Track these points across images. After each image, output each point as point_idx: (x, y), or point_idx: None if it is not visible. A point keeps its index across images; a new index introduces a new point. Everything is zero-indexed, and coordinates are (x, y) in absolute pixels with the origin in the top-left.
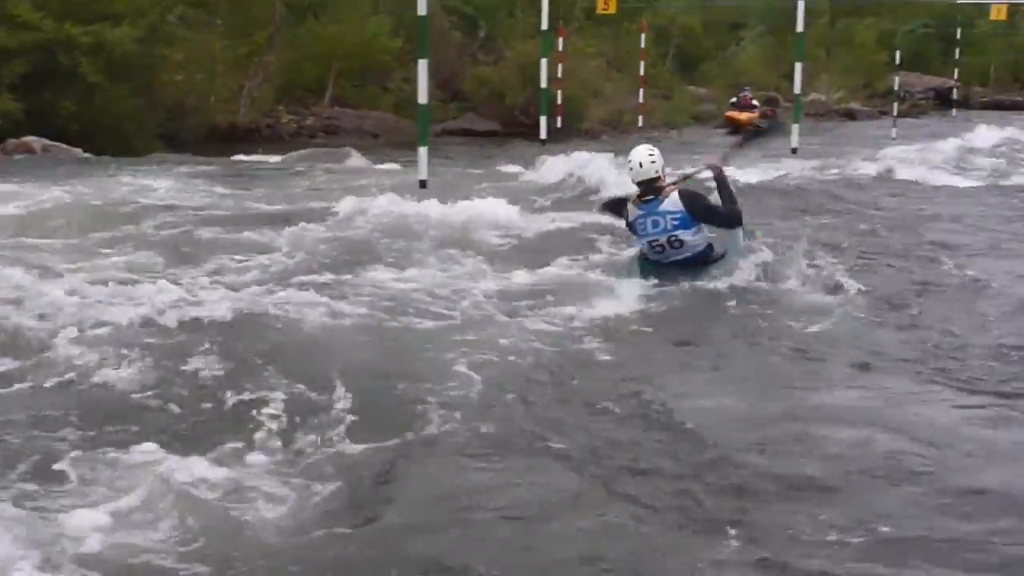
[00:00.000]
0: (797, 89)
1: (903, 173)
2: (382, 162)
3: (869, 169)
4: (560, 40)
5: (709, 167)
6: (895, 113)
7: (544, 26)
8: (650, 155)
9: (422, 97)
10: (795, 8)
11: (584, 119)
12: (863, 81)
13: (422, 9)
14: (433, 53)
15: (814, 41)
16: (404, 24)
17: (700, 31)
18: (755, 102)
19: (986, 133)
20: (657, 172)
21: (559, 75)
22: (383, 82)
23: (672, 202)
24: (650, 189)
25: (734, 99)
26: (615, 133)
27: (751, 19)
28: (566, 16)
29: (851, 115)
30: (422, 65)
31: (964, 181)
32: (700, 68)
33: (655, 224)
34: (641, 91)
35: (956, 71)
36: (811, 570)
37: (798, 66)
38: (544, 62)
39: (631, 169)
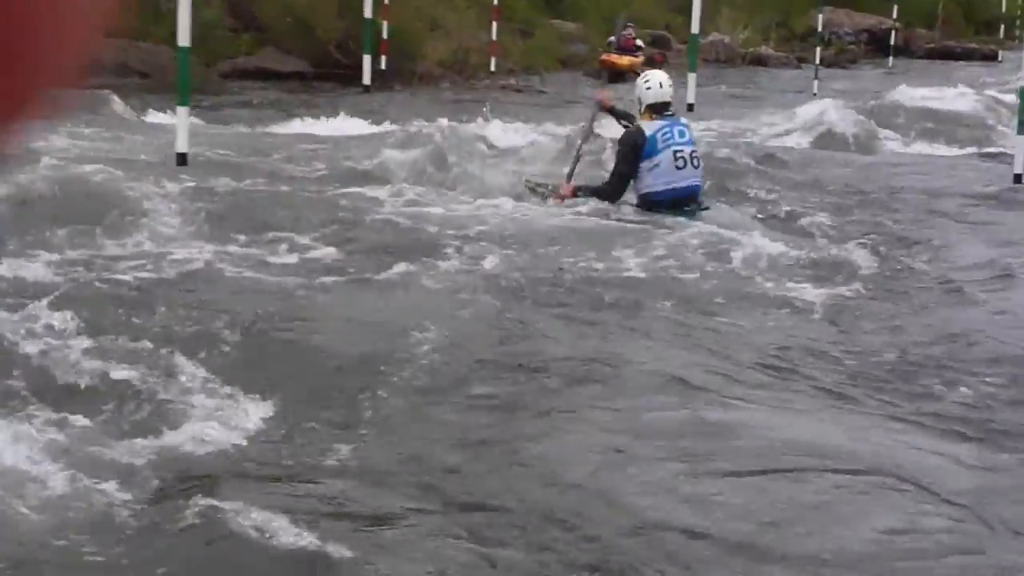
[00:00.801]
0: (695, 27)
1: (825, 140)
2: (150, 112)
3: (781, 133)
4: None
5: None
6: (817, 61)
7: None
8: (669, 80)
9: (182, 37)
10: None
11: (418, 59)
12: (777, 18)
13: None
14: None
15: None
16: None
17: None
18: (639, 43)
19: (927, 93)
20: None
21: (385, 1)
22: (156, 2)
23: (685, 121)
24: (666, 108)
25: (612, 38)
26: (459, 79)
27: None
28: None
29: (761, 61)
30: None
31: (902, 150)
32: None
33: (681, 133)
34: (494, 25)
35: (895, 8)
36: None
37: None
38: None
39: (648, 88)
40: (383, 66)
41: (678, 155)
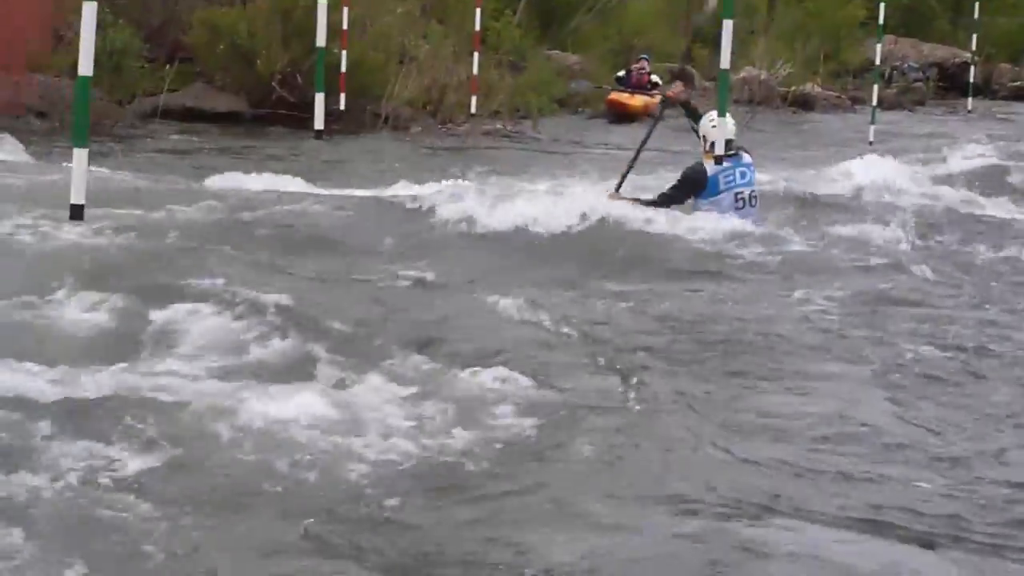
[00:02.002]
0: (724, 61)
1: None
2: (51, 156)
3: (830, 193)
4: None
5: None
6: (875, 102)
7: None
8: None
9: (84, 65)
10: None
11: (384, 98)
12: (825, 50)
13: None
14: None
15: None
16: None
17: None
18: (655, 78)
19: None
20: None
21: (344, 26)
22: (57, 29)
23: (748, 159)
24: (731, 147)
25: (622, 72)
26: (433, 123)
27: None
28: None
29: (807, 103)
30: (88, 10)
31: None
32: (569, 23)
33: (743, 175)
34: (475, 57)
35: (974, 38)
36: None
37: (727, 25)
38: (323, 5)
39: (714, 127)
40: (341, 105)
41: (738, 196)
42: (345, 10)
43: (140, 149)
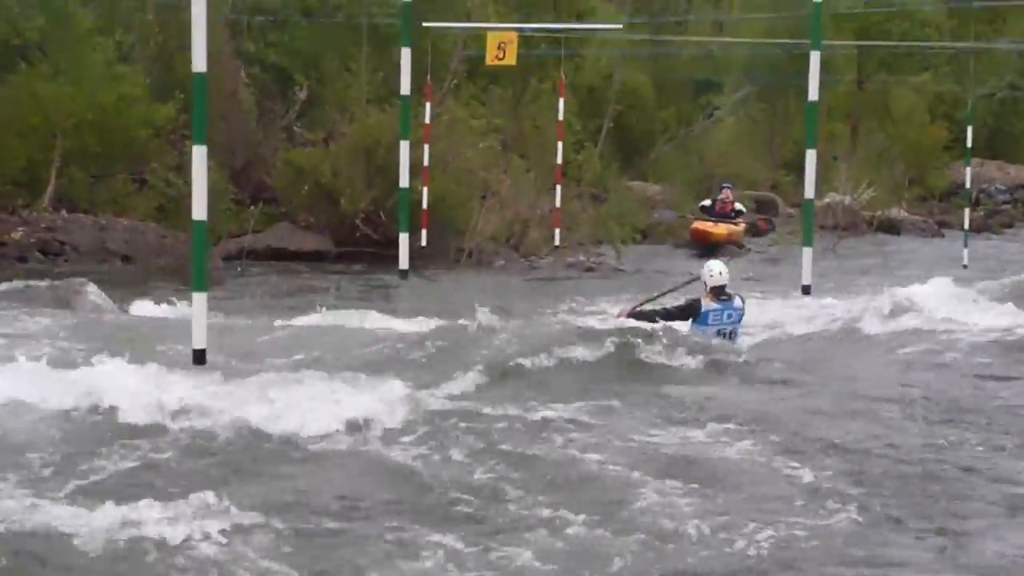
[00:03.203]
0: (809, 192)
1: (983, 328)
2: (136, 303)
3: (925, 320)
4: (427, 107)
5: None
6: (966, 226)
7: (405, 88)
8: (726, 267)
9: (198, 208)
10: (798, 60)
11: (466, 234)
12: (910, 175)
13: (199, 63)
14: (221, 127)
15: (832, 111)
16: (175, 81)
17: (651, 95)
18: (739, 206)
19: None
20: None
21: (425, 162)
22: (139, 172)
23: (739, 303)
24: (724, 292)
25: (707, 202)
26: (516, 257)
27: (730, 76)
28: (436, 68)
29: (892, 227)
30: (199, 154)
31: None
32: (651, 154)
33: (729, 316)
34: (558, 189)
35: None
36: None
37: (811, 154)
38: (405, 146)
39: (711, 276)
40: (423, 242)
41: (720, 332)
42: (426, 147)
43: (229, 293)
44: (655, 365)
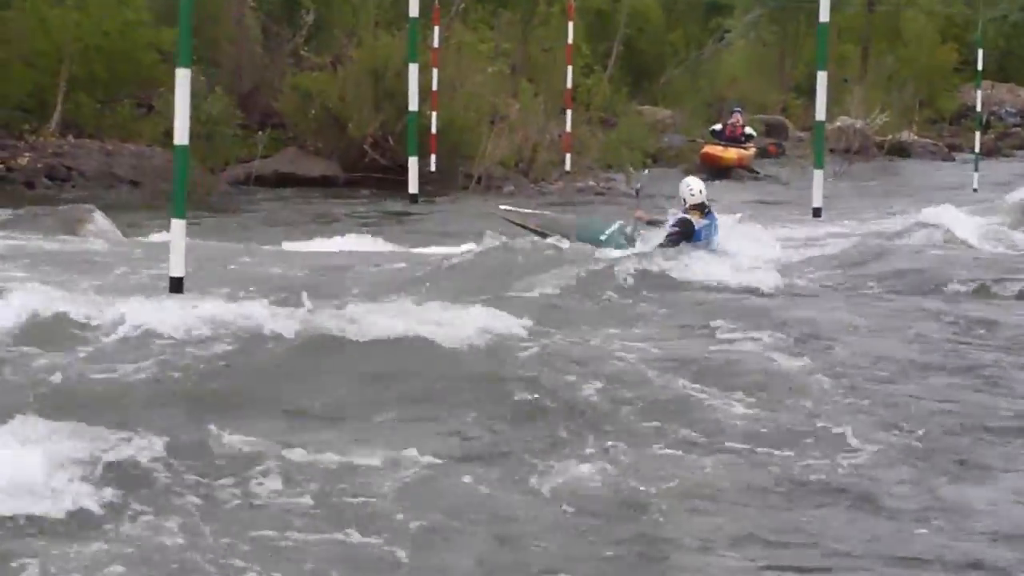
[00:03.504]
0: (820, 114)
1: (990, 252)
2: (142, 230)
3: (935, 244)
4: (435, 31)
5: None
6: (977, 149)
7: (413, 10)
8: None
9: (179, 134)
10: None
11: (475, 159)
12: (921, 97)
13: None
14: (227, 51)
15: (843, 34)
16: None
17: (660, 18)
18: (749, 131)
19: None
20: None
21: (434, 87)
22: (146, 97)
23: (716, 216)
24: (705, 206)
25: (717, 126)
26: (525, 182)
27: None
28: None
29: (903, 151)
30: (182, 77)
31: None
32: (661, 78)
33: (716, 229)
34: (568, 114)
35: None
36: None
37: (821, 76)
38: (414, 69)
39: (693, 194)
40: (432, 167)
41: (711, 244)
42: (435, 72)
43: (236, 217)
44: (678, 284)
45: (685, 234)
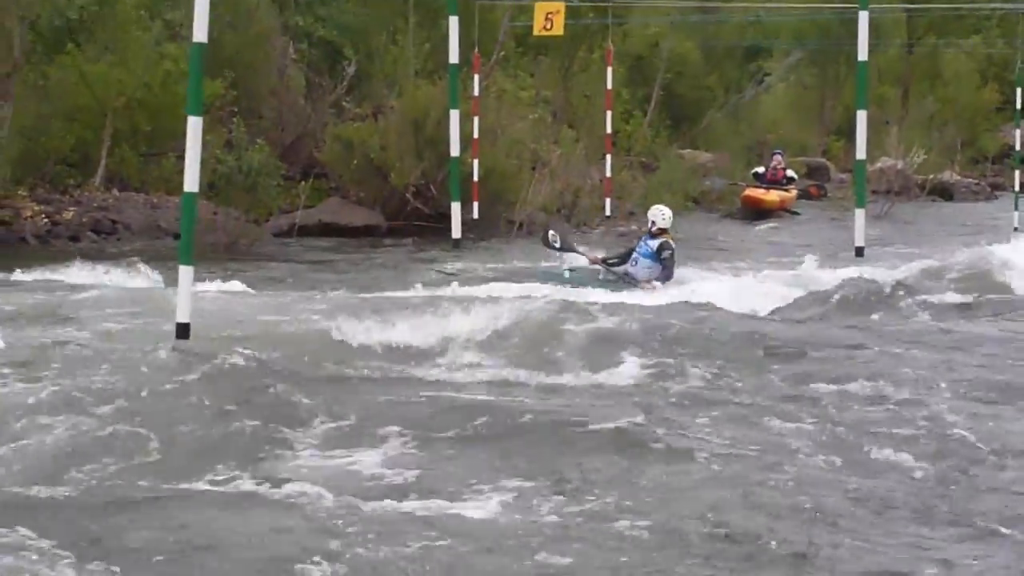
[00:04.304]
0: (861, 153)
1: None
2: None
3: (981, 286)
4: (476, 79)
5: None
6: (1017, 187)
7: (453, 57)
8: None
9: (189, 182)
10: (848, 24)
11: (516, 205)
12: (962, 137)
13: (200, 33)
14: (270, 103)
15: (883, 76)
16: (223, 58)
17: (699, 62)
18: (791, 173)
19: None
20: None
21: (474, 134)
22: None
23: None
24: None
25: (759, 169)
26: (568, 226)
27: (780, 41)
28: (485, 41)
29: (944, 191)
30: (193, 125)
31: None
32: (701, 121)
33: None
34: (608, 159)
35: None
36: None
37: (861, 115)
38: (455, 115)
39: (665, 219)
40: (475, 214)
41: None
42: (476, 119)
43: (276, 269)
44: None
45: (673, 252)
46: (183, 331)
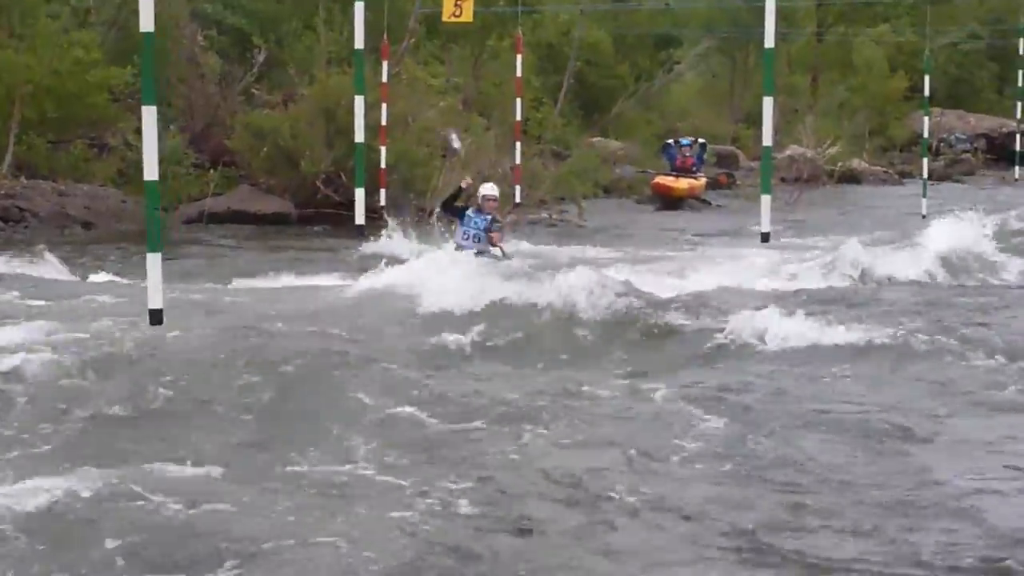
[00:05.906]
0: (767, 139)
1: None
2: (95, 270)
3: (888, 269)
4: (384, 66)
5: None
6: (925, 175)
7: (358, 42)
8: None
9: (149, 169)
10: (758, 12)
11: (426, 192)
12: (871, 125)
13: (147, 23)
14: (179, 90)
15: (792, 63)
16: (132, 45)
17: (610, 51)
18: (701, 140)
19: None
20: None
21: (383, 121)
22: (99, 137)
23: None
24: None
25: (669, 140)
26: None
27: (690, 31)
28: (394, 28)
29: (853, 178)
30: (148, 115)
31: None
32: (612, 110)
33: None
34: (518, 146)
35: (1019, 107)
36: None
37: (768, 102)
38: (359, 101)
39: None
40: (382, 202)
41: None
42: (384, 107)
43: (190, 255)
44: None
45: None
46: (156, 317)
